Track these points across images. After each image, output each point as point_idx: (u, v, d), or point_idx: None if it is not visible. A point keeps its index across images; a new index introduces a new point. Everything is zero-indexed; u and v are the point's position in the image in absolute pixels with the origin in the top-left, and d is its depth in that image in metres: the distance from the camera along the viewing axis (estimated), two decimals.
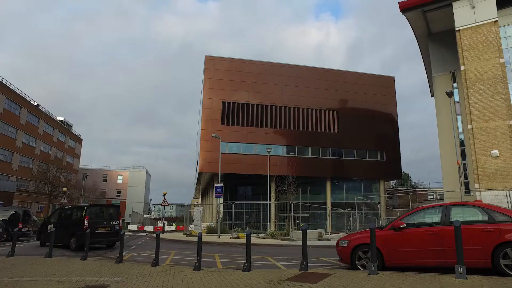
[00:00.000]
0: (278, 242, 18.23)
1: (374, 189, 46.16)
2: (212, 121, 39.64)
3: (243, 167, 39.95)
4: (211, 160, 38.72)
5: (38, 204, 47.87)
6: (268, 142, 40.27)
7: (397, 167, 44.60)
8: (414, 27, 28.44)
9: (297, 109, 42.07)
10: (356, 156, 43.07)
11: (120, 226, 15.27)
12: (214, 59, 41.26)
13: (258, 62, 42.71)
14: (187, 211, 29.55)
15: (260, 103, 41.13)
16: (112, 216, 15.50)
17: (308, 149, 41.82)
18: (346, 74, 44.94)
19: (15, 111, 45.23)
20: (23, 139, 47.09)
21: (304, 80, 42.69)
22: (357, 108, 43.85)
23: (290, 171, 32.91)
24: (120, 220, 15.63)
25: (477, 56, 21.22)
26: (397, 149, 44.63)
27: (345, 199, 44.71)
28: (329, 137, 42.59)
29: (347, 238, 7.93)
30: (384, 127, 44.55)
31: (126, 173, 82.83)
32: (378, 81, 45.57)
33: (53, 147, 56.04)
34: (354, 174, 43.32)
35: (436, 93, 29.40)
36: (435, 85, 29.57)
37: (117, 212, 15.89)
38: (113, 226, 15.09)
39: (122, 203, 79.26)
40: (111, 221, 15.21)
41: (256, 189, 46.35)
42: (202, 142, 39.62)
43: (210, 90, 40.25)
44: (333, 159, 42.42)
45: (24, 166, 46.85)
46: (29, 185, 46.74)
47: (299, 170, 31.89)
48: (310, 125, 42.28)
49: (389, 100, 45.33)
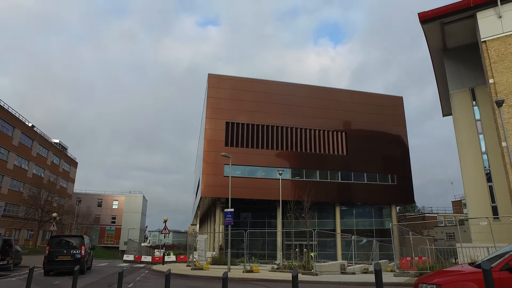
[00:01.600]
0: (300, 277, 15.68)
1: (385, 214, 43.68)
2: (215, 142, 37.60)
3: (247, 191, 37.47)
4: (214, 184, 36.41)
5: (28, 231, 44.84)
6: (274, 165, 38.18)
7: (409, 191, 42.30)
8: (430, 42, 27.12)
9: (303, 130, 40.24)
10: (366, 179, 40.86)
11: (82, 254, 16.56)
12: (217, 78, 39.80)
13: (263, 81, 41.28)
14: (192, 239, 26.89)
15: (265, 124, 39.31)
16: (73, 246, 16.97)
17: (316, 172, 39.63)
18: (353, 94, 43.52)
19: (8, 132, 43.15)
20: (15, 162, 44.73)
21: (311, 100, 41.14)
22: (366, 129, 42.10)
23: (299, 195, 30.69)
24: (83, 249, 16.78)
25: (508, 67, 19.62)
26: (408, 172, 42.52)
27: (355, 226, 42.15)
28: (338, 160, 40.56)
29: (434, 282, 5.65)
30: (393, 149, 42.67)
31: (122, 198, 79.73)
32: (386, 101, 44.14)
33: (46, 170, 53.55)
34: (364, 198, 41.00)
35: (455, 111, 27.69)
36: (453, 102, 27.88)
37: (81, 242, 17.15)
38: (73, 255, 16.57)
39: (117, 229, 75.76)
40: (71, 250, 16.75)
41: (259, 215, 43.75)
42: (204, 165, 37.42)
43: (213, 110, 38.48)
44: (342, 182, 40.17)
45: (14, 190, 44.19)
46: (19, 210, 43.91)
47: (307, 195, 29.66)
48: (317, 147, 40.32)
49: (398, 121, 43.71)
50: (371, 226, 41.93)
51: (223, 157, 37.63)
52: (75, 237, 18.66)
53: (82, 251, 16.71)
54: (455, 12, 22.12)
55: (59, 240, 17.87)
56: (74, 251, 16.71)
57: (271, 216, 42.29)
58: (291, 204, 25.90)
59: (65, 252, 16.63)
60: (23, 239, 44.62)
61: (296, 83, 42.47)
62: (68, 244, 17.19)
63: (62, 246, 16.99)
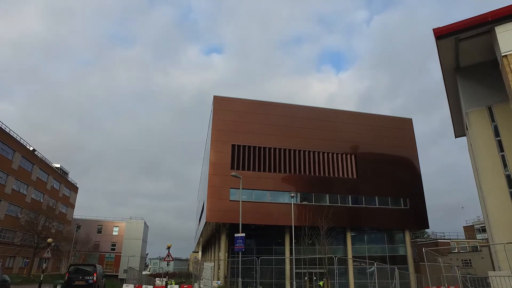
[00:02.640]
0: None
1: (398, 240, 41.69)
2: (221, 165, 36.35)
3: (254, 216, 35.85)
4: (220, 209, 34.90)
5: (23, 259, 42.79)
6: (281, 189, 36.84)
7: (423, 216, 40.49)
8: (443, 60, 26.38)
9: (311, 152, 39.08)
10: (377, 203, 39.22)
11: (94, 280, 19.87)
12: (223, 100, 39.07)
13: (270, 103, 40.51)
14: (198, 267, 25.16)
15: (272, 146, 38.18)
16: (87, 273, 20.45)
17: (326, 196, 38.08)
18: (362, 116, 42.64)
19: (8, 155, 42.05)
20: (14, 186, 43.35)
21: (318, 122, 40.25)
22: (375, 151, 40.91)
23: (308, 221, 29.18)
24: (95, 275, 20.11)
25: None
26: (421, 196, 40.91)
27: (367, 252, 40.07)
28: (347, 183, 39.09)
29: None
30: (404, 171, 41.29)
31: (122, 225, 77.48)
32: (396, 123, 43.21)
33: (45, 195, 52.01)
34: (376, 223, 39.21)
35: (472, 130, 26.54)
36: (470, 121, 26.80)
37: (93, 269, 20.83)
38: (87, 280, 20.00)
39: (117, 257, 73.14)
40: (86, 276, 20.18)
41: (265, 241, 41.73)
42: (210, 189, 35.96)
43: (218, 132, 37.48)
44: (353, 207, 38.50)
45: (11, 215, 42.54)
46: (15, 236, 42.06)
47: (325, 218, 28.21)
48: (326, 170, 39.00)
49: (408, 143, 42.57)
50: (384, 253, 39.85)
51: (228, 181, 36.39)
52: (90, 266, 23.00)
53: (95, 277, 20.06)
54: (471, 27, 21.44)
55: (76, 268, 21.66)
56: (88, 277, 20.06)
57: (278, 243, 40.35)
58: (305, 229, 24.31)
59: (80, 278, 19.98)
60: (17, 267, 42.49)
61: (303, 105, 41.73)
62: (83, 271, 20.67)
63: (78, 273, 20.38)
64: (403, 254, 39.82)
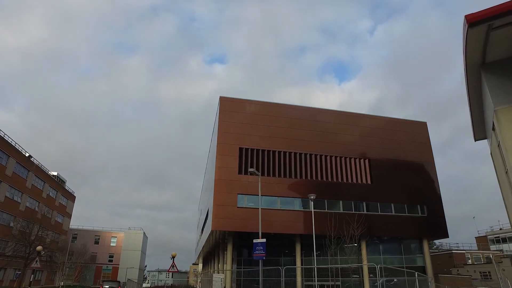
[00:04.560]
0: None
1: (414, 249, 39.26)
2: (227, 170, 34.14)
3: (263, 224, 33.33)
4: (226, 216, 32.56)
5: (14, 271, 40.07)
6: (292, 195, 34.60)
7: (442, 224, 38.11)
8: (470, 53, 24.35)
9: (324, 156, 36.94)
10: (393, 210, 36.93)
11: None
12: (229, 101, 37.05)
13: (279, 105, 38.50)
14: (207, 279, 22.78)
15: (282, 150, 36.05)
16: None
17: (339, 202, 35.79)
18: (376, 120, 40.65)
19: (2, 161, 39.81)
20: (7, 193, 40.99)
21: (331, 125, 38.25)
22: (390, 156, 38.80)
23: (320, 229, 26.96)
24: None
25: None
26: (439, 202, 38.63)
27: (383, 262, 37.51)
28: (362, 189, 36.86)
29: None
30: (420, 177, 39.13)
31: (121, 235, 74.59)
32: (410, 127, 41.21)
33: (41, 204, 49.52)
34: (392, 232, 36.82)
35: (502, 129, 24.42)
36: (499, 119, 24.55)
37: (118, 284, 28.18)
38: None
39: (115, 268, 70.08)
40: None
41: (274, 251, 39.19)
42: (216, 195, 33.62)
43: (225, 135, 35.34)
44: (367, 214, 36.14)
45: (3, 224, 40.04)
46: (6, 247, 39.45)
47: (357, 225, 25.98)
48: (339, 175, 36.79)
49: (423, 147, 40.51)
50: (401, 263, 37.30)
51: (236, 186, 34.15)
52: (115, 282, 34.02)
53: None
54: (509, 12, 19.67)
55: (107, 283, 27.79)
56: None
57: (286, 254, 37.89)
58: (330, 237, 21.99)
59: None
60: (8, 279, 39.78)
61: (314, 107, 39.74)
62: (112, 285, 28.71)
63: None
64: (421, 265, 37.34)
